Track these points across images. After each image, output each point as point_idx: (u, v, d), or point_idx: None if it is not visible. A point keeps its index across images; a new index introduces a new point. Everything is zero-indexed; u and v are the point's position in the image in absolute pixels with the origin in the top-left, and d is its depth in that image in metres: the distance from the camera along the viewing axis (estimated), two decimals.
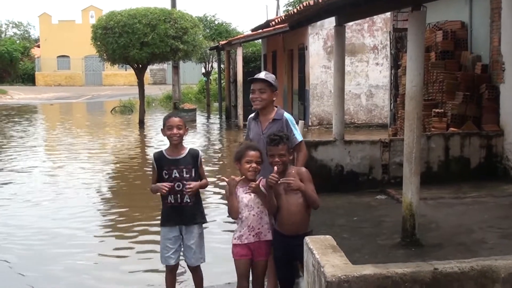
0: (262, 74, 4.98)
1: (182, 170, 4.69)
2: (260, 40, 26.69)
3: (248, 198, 4.38)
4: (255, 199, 4.37)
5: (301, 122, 13.50)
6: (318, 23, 17.86)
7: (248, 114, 5.25)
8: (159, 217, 4.97)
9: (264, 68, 24.64)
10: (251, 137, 4.98)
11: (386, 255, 5.31)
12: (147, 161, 13.34)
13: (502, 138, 8.57)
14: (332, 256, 3.16)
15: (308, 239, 3.45)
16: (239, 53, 21.03)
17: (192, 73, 49.84)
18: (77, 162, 13.69)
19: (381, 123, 18.71)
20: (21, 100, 38.56)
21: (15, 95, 41.89)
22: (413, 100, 5.53)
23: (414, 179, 5.55)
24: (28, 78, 57.66)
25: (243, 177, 4.35)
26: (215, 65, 31.35)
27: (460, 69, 9.68)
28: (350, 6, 7.00)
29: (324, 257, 3.14)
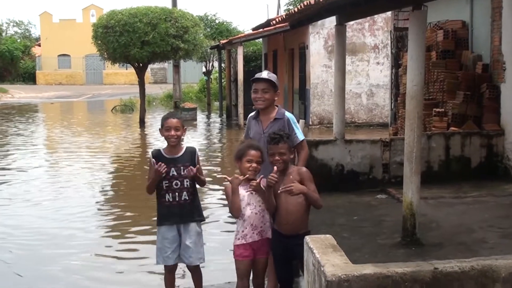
0: (265, 74, 4.96)
1: (180, 168, 4.68)
2: (261, 39, 26.70)
3: (250, 197, 4.38)
4: (257, 197, 4.37)
5: (302, 121, 13.51)
6: (319, 22, 17.88)
7: (249, 113, 5.24)
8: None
9: (265, 67, 24.66)
10: (252, 136, 4.97)
11: (386, 255, 5.31)
12: (148, 160, 13.33)
13: (503, 138, 8.56)
14: (332, 256, 3.17)
15: (309, 239, 3.45)
16: (240, 52, 21.06)
17: (193, 72, 49.92)
18: (78, 161, 13.69)
19: (382, 123, 18.71)
20: (22, 99, 38.65)
21: (16, 94, 41.98)
22: (414, 100, 5.53)
23: (415, 179, 5.55)
24: (29, 77, 57.83)
25: (246, 177, 4.34)
26: (216, 64, 31.37)
27: (461, 69, 9.68)
28: (351, 6, 6.98)
29: (325, 257, 3.14)
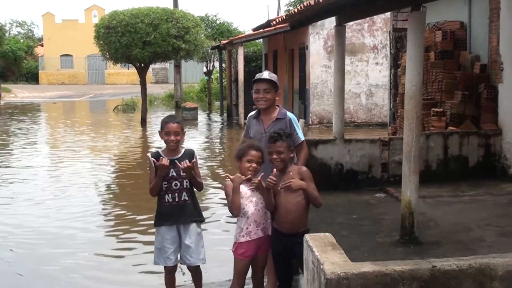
0: (266, 74, 4.97)
1: (179, 169, 4.68)
2: (261, 40, 26.73)
3: (253, 194, 4.40)
4: (258, 195, 4.40)
5: (302, 121, 13.55)
6: (319, 23, 17.91)
7: (249, 113, 5.26)
8: None
9: (265, 67, 24.69)
10: (252, 135, 4.99)
11: (385, 253, 5.34)
12: (147, 161, 13.36)
13: (500, 137, 8.61)
14: (332, 254, 3.17)
15: (308, 237, 3.46)
16: (240, 53, 21.11)
17: (194, 72, 49.92)
18: (80, 160, 13.74)
19: (381, 122, 18.76)
20: (25, 99, 38.73)
21: (19, 94, 42.07)
22: (413, 99, 5.56)
23: (413, 178, 5.58)
24: (32, 77, 57.91)
25: (248, 177, 4.36)
26: (217, 64, 31.36)
27: (459, 69, 9.72)
28: (351, 6, 7.02)
29: (324, 255, 3.15)
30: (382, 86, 18.80)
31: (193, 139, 17.59)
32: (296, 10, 9.50)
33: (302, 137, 4.97)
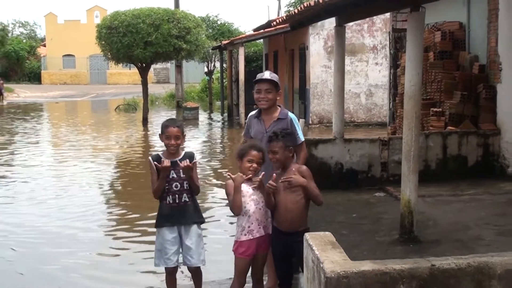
0: (267, 74, 4.98)
1: (180, 171, 4.71)
2: (262, 40, 26.77)
3: (254, 192, 4.42)
4: (260, 193, 4.42)
5: (302, 121, 13.60)
6: (319, 24, 17.93)
7: (250, 113, 5.28)
8: None
9: (266, 68, 24.74)
10: (253, 135, 5.00)
11: (385, 252, 5.35)
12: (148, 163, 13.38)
13: (499, 137, 8.63)
14: (332, 252, 3.18)
15: (308, 236, 3.47)
16: (241, 53, 21.16)
17: (195, 72, 49.96)
18: (82, 160, 13.78)
19: (380, 122, 18.78)
20: (28, 98, 38.83)
21: (22, 93, 42.22)
22: (412, 99, 5.57)
23: (413, 177, 5.59)
24: (34, 77, 58.07)
25: (250, 177, 4.39)
26: (218, 65, 31.42)
27: (458, 69, 9.73)
28: (351, 7, 7.05)
29: (324, 253, 3.16)
30: (382, 86, 18.83)
31: (194, 139, 17.65)
32: (296, 11, 9.54)
33: (302, 138, 4.99)
